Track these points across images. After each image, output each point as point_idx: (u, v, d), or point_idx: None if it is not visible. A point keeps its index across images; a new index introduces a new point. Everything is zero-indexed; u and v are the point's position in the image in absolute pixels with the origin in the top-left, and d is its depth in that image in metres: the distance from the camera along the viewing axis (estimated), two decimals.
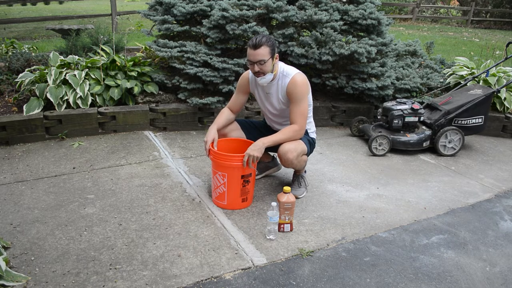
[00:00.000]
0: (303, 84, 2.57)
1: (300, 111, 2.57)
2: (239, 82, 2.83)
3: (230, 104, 2.88)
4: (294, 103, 2.58)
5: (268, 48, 2.47)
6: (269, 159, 3.12)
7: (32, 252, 2.12)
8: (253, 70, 2.55)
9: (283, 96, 2.65)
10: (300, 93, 2.55)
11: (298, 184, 2.89)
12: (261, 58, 2.47)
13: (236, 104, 2.87)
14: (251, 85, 2.81)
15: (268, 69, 2.53)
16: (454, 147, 3.79)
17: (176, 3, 3.94)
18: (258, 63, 2.49)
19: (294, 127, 2.58)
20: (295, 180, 2.91)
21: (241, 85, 2.83)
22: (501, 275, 2.21)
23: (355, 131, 4.14)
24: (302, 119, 2.57)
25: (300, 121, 2.57)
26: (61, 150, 3.34)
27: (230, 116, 2.84)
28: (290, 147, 2.55)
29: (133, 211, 2.55)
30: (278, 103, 2.70)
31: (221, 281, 2.00)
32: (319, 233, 2.44)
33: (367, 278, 2.09)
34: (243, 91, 2.84)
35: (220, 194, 2.60)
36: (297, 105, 2.57)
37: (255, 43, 2.45)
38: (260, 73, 2.54)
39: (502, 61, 4.23)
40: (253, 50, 2.47)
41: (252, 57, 2.49)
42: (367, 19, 4.12)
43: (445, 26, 15.50)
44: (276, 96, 2.69)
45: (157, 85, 4.00)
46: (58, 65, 3.84)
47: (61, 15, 10.20)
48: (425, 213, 2.76)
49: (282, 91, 2.63)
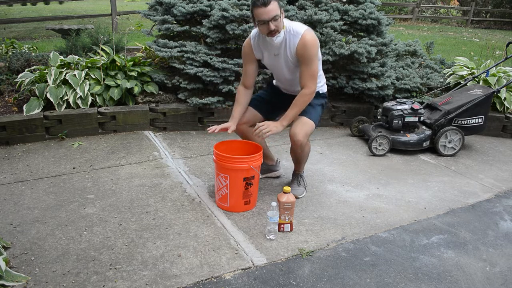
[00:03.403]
0: (313, 45, 2.47)
1: (310, 73, 2.50)
2: (244, 52, 2.69)
3: (243, 79, 2.74)
4: (305, 65, 2.49)
5: (277, 3, 2.36)
6: (273, 162, 3.09)
7: (32, 252, 2.12)
8: (267, 30, 2.41)
9: (292, 56, 2.53)
10: (310, 54, 2.46)
11: (298, 183, 2.88)
12: (275, 13, 2.34)
13: (248, 77, 2.72)
14: (255, 51, 2.64)
15: (281, 25, 2.42)
16: (454, 147, 3.79)
17: (176, 3, 3.95)
18: (273, 19, 2.35)
19: (304, 92, 2.52)
20: (295, 179, 2.90)
21: (246, 55, 2.69)
22: (501, 275, 2.21)
23: (355, 131, 4.14)
24: (312, 81, 2.52)
25: (310, 84, 2.51)
26: (61, 150, 3.34)
27: (247, 95, 2.73)
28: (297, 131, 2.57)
29: (133, 211, 2.55)
30: (287, 64, 2.59)
31: (221, 281, 2.00)
32: (319, 233, 2.44)
33: (367, 278, 2.10)
34: (250, 60, 2.69)
35: (222, 196, 2.60)
36: (307, 66, 2.49)
37: (264, 1, 2.31)
38: (275, 32, 2.41)
39: (502, 61, 4.23)
40: (264, 8, 2.32)
41: (266, 15, 2.34)
42: (367, 19, 4.12)
43: (445, 26, 15.50)
44: (284, 57, 2.56)
45: (157, 85, 4.00)
46: (58, 65, 3.84)
47: (61, 15, 10.20)
48: (425, 213, 2.76)
49: (291, 52, 2.51)
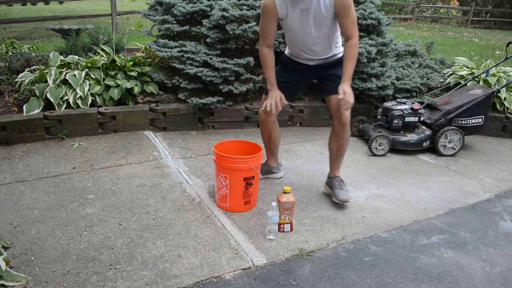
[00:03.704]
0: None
1: (352, 21, 2.43)
2: (265, 10, 2.51)
3: (265, 40, 2.60)
4: (346, 16, 2.40)
5: None
6: (276, 165, 3.07)
7: (32, 252, 2.12)
8: None
9: (326, 11, 2.40)
10: (349, 3, 2.37)
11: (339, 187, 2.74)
12: None
13: (270, 37, 2.59)
14: (280, 8, 2.47)
15: None
16: (454, 147, 3.79)
17: (176, 3, 3.95)
18: None
19: (353, 43, 2.44)
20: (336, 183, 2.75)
21: (268, 12, 2.51)
22: (501, 275, 2.21)
23: (355, 131, 4.14)
24: (355, 28, 2.45)
25: (355, 32, 2.44)
26: (61, 150, 3.34)
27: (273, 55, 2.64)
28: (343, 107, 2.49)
29: (133, 211, 2.55)
30: (316, 19, 2.44)
31: (221, 281, 2.00)
32: (319, 233, 2.44)
33: (367, 278, 2.10)
34: (272, 19, 2.52)
35: (222, 196, 2.60)
36: (348, 16, 2.41)
37: None
38: None
39: (502, 61, 4.23)
40: None
41: None
42: (367, 19, 4.12)
43: (445, 26, 15.50)
44: (314, 11, 2.42)
45: (157, 85, 4.00)
46: (58, 65, 3.83)
47: (61, 15, 10.20)
48: (425, 213, 2.76)
49: (326, 5, 2.39)
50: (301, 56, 2.70)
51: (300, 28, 2.52)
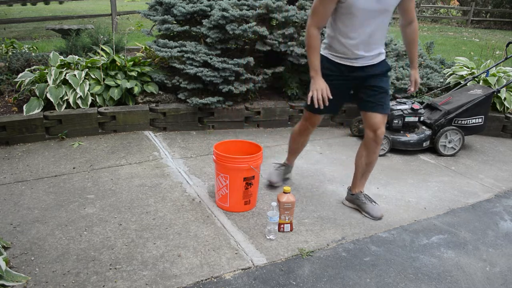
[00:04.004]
0: None
1: (414, 5, 2.42)
2: None
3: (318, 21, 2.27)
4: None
5: None
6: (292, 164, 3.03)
7: (32, 252, 2.12)
8: None
9: None
10: None
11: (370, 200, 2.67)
12: None
13: (325, 19, 2.28)
14: None
15: None
16: (454, 147, 3.79)
17: (176, 3, 3.95)
18: None
19: (416, 27, 2.46)
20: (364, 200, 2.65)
21: None
22: (501, 275, 2.21)
23: (355, 131, 4.14)
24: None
25: (415, 16, 2.45)
26: (61, 150, 3.34)
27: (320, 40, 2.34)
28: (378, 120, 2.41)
29: (133, 211, 2.55)
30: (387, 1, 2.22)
31: (221, 281, 2.00)
32: (319, 233, 2.44)
33: (367, 278, 2.10)
34: None
35: (222, 196, 2.60)
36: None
37: None
38: None
39: (502, 61, 4.23)
40: None
41: None
42: None
43: (445, 26, 15.50)
44: None
45: (157, 85, 4.00)
46: (58, 65, 3.84)
47: (61, 15, 10.20)
48: (425, 213, 2.76)
49: None
50: (348, 55, 2.36)
51: (364, 9, 2.19)
